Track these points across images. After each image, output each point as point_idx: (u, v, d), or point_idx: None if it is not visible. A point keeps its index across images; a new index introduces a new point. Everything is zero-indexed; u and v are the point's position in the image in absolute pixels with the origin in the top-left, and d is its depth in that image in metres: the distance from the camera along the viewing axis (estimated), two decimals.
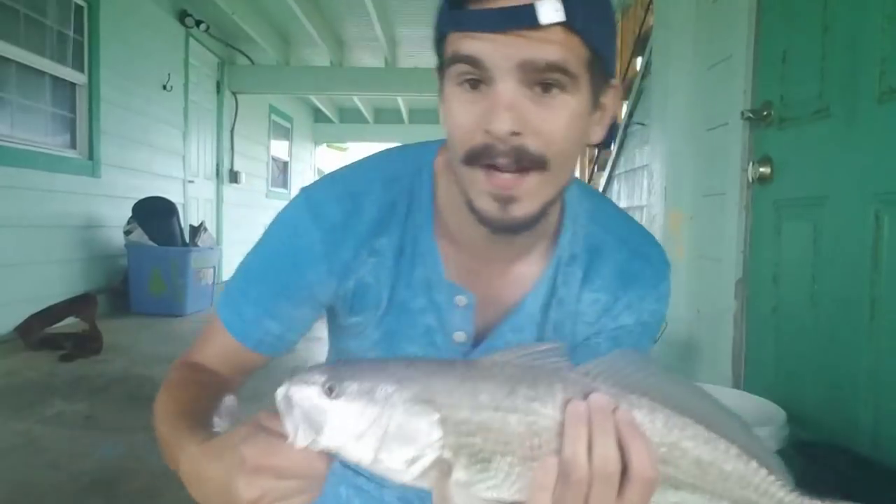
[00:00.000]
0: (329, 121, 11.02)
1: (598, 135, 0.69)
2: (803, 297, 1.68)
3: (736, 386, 1.98)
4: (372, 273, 0.75)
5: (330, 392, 0.48)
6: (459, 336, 0.75)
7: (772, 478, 0.51)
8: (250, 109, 7.73)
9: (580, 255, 0.76)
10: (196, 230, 5.12)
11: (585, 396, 0.49)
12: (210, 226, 6.08)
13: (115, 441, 2.21)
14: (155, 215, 4.72)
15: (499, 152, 0.61)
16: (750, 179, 1.92)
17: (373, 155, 0.82)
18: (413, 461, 0.47)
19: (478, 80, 0.61)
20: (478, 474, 0.49)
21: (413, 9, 6.30)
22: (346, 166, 0.80)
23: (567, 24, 0.58)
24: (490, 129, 0.60)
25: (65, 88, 4.30)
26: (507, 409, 0.48)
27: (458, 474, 0.49)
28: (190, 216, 6.01)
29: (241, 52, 7.04)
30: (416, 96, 8.25)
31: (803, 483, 0.52)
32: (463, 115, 0.63)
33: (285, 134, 9.65)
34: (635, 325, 0.77)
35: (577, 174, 5.55)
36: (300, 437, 0.47)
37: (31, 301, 3.75)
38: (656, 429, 0.50)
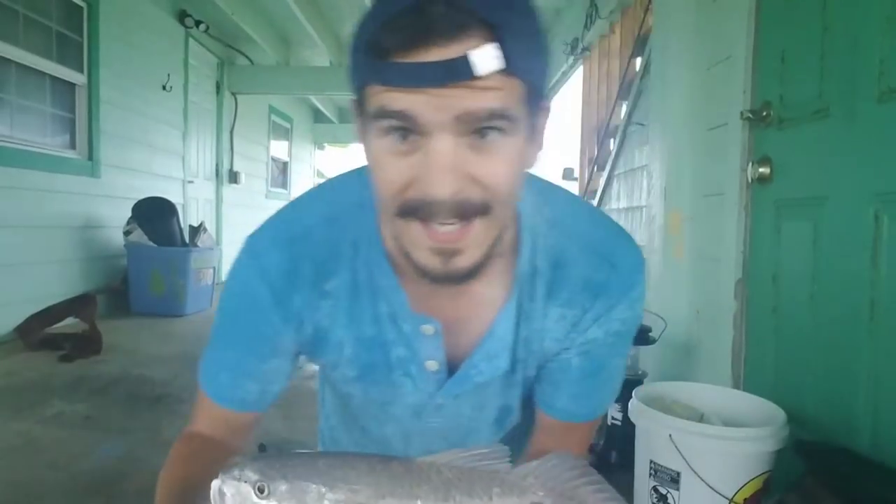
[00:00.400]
0: (329, 121, 11.01)
1: (534, 160, 0.65)
2: (803, 297, 1.68)
3: (736, 386, 1.98)
4: (328, 316, 0.74)
5: (261, 492, 0.48)
6: (431, 365, 0.75)
7: None
8: (250, 110, 7.72)
9: (542, 268, 0.72)
10: (196, 230, 5.12)
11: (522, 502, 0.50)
12: (210, 226, 6.08)
13: (115, 441, 2.21)
14: (155, 215, 4.72)
15: (439, 211, 0.56)
16: (749, 179, 1.92)
17: (311, 191, 0.79)
18: None
19: (408, 130, 0.55)
20: None
21: None
22: (286, 207, 0.77)
23: (506, 70, 0.53)
24: (429, 195, 0.55)
25: (64, 89, 4.30)
26: None
27: None
28: (190, 216, 6.02)
29: (240, 52, 7.04)
30: None
31: (803, 483, 0.52)
32: (394, 171, 0.57)
33: (285, 134, 9.65)
34: (606, 336, 0.75)
35: (577, 174, 5.54)
36: None
37: (30, 301, 3.75)
38: None
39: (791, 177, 1.79)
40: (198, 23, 5.89)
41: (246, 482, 0.48)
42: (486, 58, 0.52)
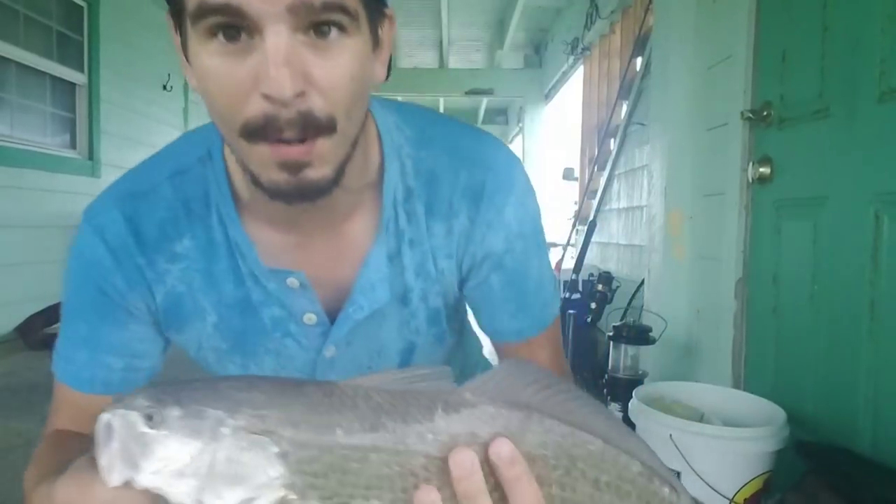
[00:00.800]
0: None
1: (380, 74, 0.60)
2: (803, 297, 1.68)
3: (736, 386, 1.98)
4: (181, 281, 0.68)
5: (150, 419, 0.39)
6: (310, 318, 0.70)
7: (674, 496, 0.47)
8: None
9: (416, 187, 0.68)
10: None
11: (471, 428, 0.42)
12: None
13: None
14: None
15: (283, 122, 0.51)
16: (750, 179, 1.92)
17: (160, 150, 0.72)
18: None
19: (236, 28, 0.49)
20: None
21: (413, 9, 6.30)
22: (132, 169, 0.71)
23: None
24: (268, 94, 0.49)
25: (65, 88, 4.30)
26: (367, 448, 0.40)
27: None
28: None
29: None
30: (417, 96, 8.25)
31: (803, 483, 0.52)
32: (227, 78, 0.51)
33: None
34: (512, 240, 0.71)
35: (577, 174, 5.54)
36: (114, 474, 0.39)
37: (31, 301, 3.75)
38: (549, 450, 0.44)
39: (791, 177, 1.78)
40: None
41: (134, 410, 0.39)
42: None
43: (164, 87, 5.50)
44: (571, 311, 3.11)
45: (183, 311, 0.70)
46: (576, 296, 3.33)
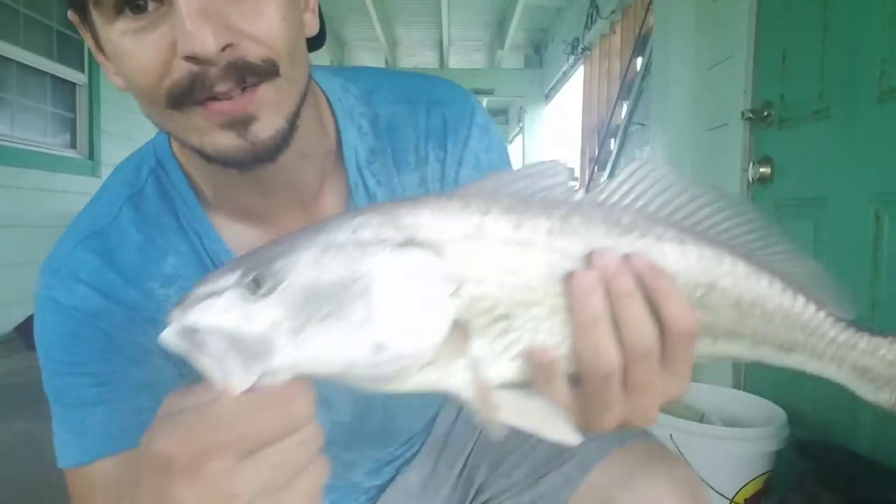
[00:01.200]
0: None
1: (311, 26, 0.57)
2: None
3: (736, 386, 1.98)
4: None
5: (256, 286, 0.31)
6: None
7: (822, 314, 0.43)
8: None
9: (377, 145, 0.64)
10: None
11: (611, 235, 0.37)
12: None
13: None
14: None
15: (213, 79, 0.46)
16: (750, 179, 1.92)
17: (101, 186, 0.66)
18: (418, 333, 0.32)
19: (139, 3, 0.45)
20: (499, 338, 0.35)
21: (413, 9, 6.30)
22: (80, 212, 0.64)
23: None
24: (191, 53, 0.44)
25: (65, 88, 4.30)
26: (521, 244, 0.35)
27: (478, 345, 0.35)
28: None
29: None
30: None
31: (803, 483, 0.52)
32: (142, 52, 0.46)
33: None
34: (483, 170, 0.66)
35: (578, 174, 5.55)
36: (239, 376, 0.30)
37: (31, 301, 3.71)
38: (689, 268, 0.39)
39: (791, 177, 1.78)
40: None
41: (228, 290, 0.30)
42: None
43: None
44: None
45: None
46: None
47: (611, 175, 4.21)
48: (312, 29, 0.57)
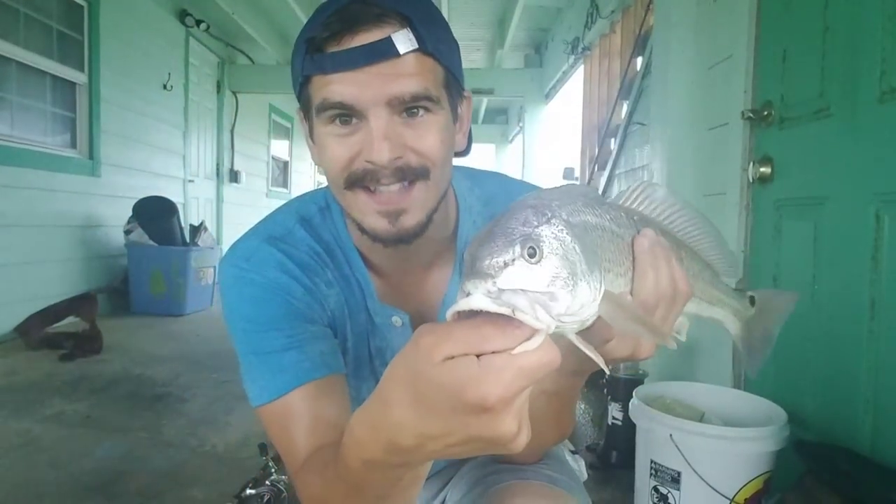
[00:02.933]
0: None
1: (461, 143, 0.75)
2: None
3: (736, 386, 1.98)
4: (337, 306, 0.78)
5: (531, 256, 0.41)
6: None
7: (722, 284, 0.66)
8: (250, 109, 7.72)
9: None
10: (196, 230, 5.12)
11: (637, 228, 0.54)
12: (210, 225, 6.08)
13: (115, 441, 2.21)
14: (155, 215, 4.72)
15: (381, 176, 0.65)
16: (750, 179, 1.92)
17: (280, 207, 0.84)
18: (599, 281, 0.46)
19: (349, 115, 0.65)
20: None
21: None
22: (259, 221, 0.82)
23: (421, 51, 0.64)
24: (371, 160, 0.64)
25: (65, 88, 4.30)
26: (613, 230, 0.51)
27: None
28: (190, 216, 6.02)
29: (241, 51, 7.04)
30: None
31: (803, 483, 0.52)
32: (339, 149, 0.66)
33: (286, 133, 9.65)
34: None
35: (578, 174, 5.54)
36: (546, 320, 0.39)
37: (31, 301, 3.75)
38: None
39: (792, 176, 1.78)
40: (198, 22, 5.89)
41: (513, 260, 0.40)
42: (403, 39, 0.63)
43: (165, 87, 5.50)
44: None
45: (336, 332, 0.79)
46: None
47: (609, 177, 4.21)
48: (461, 146, 0.75)
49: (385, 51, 0.63)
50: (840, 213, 1.56)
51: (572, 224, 0.45)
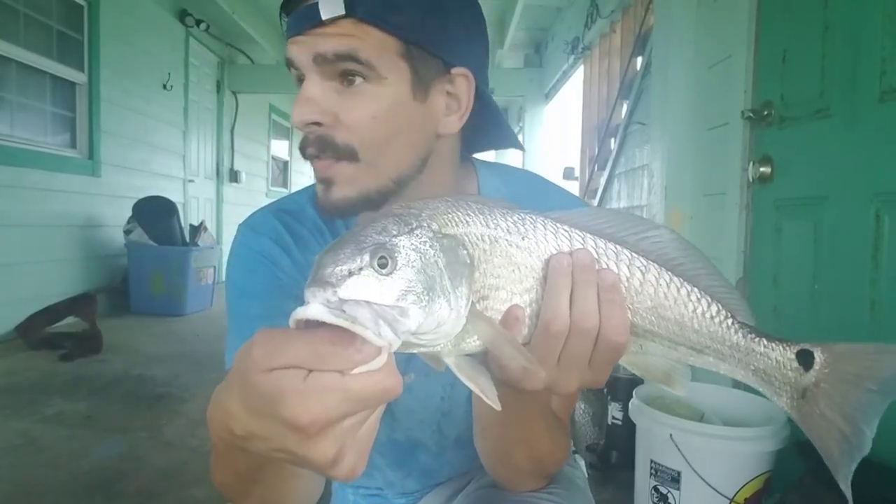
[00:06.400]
0: None
1: (451, 125, 0.69)
2: (804, 296, 1.68)
3: (736, 386, 1.98)
4: None
5: (382, 267, 0.39)
6: None
7: (727, 320, 0.49)
8: (250, 109, 7.72)
9: None
10: (196, 229, 5.12)
11: (565, 243, 0.49)
12: (210, 225, 6.08)
13: (115, 441, 2.21)
14: (155, 215, 4.72)
15: (307, 143, 0.65)
16: (750, 179, 1.92)
17: (301, 189, 0.86)
18: (465, 299, 0.43)
19: (301, 78, 0.66)
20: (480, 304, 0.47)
21: None
22: (283, 196, 0.85)
23: (350, 16, 0.62)
24: (293, 122, 0.65)
25: (65, 88, 4.30)
26: (512, 244, 0.47)
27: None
28: (190, 216, 6.02)
29: (241, 51, 7.04)
30: None
31: (803, 483, 0.52)
32: (293, 112, 0.67)
33: (285, 133, 9.65)
34: None
35: (578, 173, 5.54)
36: (389, 337, 0.37)
37: (31, 301, 3.75)
38: (621, 271, 0.49)
39: (792, 176, 1.78)
40: (198, 22, 5.89)
41: (361, 270, 0.38)
42: (328, 5, 0.62)
43: (164, 87, 5.50)
44: None
45: None
46: None
47: (609, 177, 4.21)
48: (449, 129, 0.69)
49: (311, 17, 0.63)
50: (840, 213, 1.56)
51: (442, 236, 0.43)
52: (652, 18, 3.10)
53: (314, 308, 0.36)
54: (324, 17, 0.62)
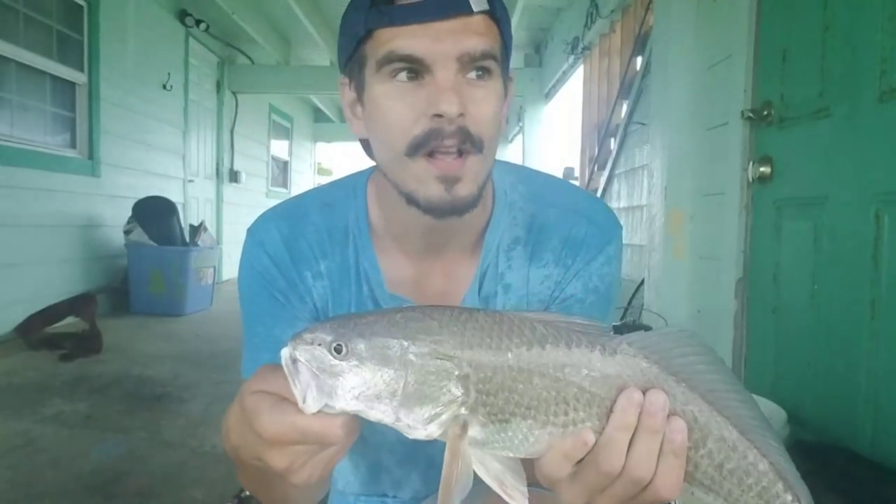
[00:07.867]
0: (329, 120, 11.01)
1: (504, 120, 0.72)
2: (804, 296, 1.68)
3: None
4: (321, 298, 0.77)
5: (338, 352, 0.44)
6: None
7: (787, 496, 0.48)
8: (250, 109, 7.72)
9: (523, 236, 0.77)
10: (196, 230, 5.11)
11: (622, 374, 0.46)
12: (210, 225, 6.07)
13: (115, 441, 2.21)
14: (155, 215, 4.72)
15: (446, 134, 0.62)
16: (750, 179, 1.92)
17: (315, 187, 0.86)
18: (431, 419, 0.45)
19: (415, 71, 0.63)
20: (494, 434, 0.47)
21: None
22: (292, 196, 0.84)
23: (489, 14, 0.64)
24: (441, 111, 0.61)
25: (65, 88, 4.30)
26: (532, 372, 0.45)
27: (474, 432, 0.46)
28: (190, 216, 6.01)
29: (241, 51, 7.04)
30: None
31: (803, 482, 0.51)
32: (404, 107, 0.64)
33: (285, 133, 9.65)
34: (584, 293, 0.76)
35: (578, 173, 5.54)
36: (310, 403, 0.44)
37: (31, 301, 3.75)
38: (686, 420, 0.46)
39: (792, 176, 1.78)
40: (198, 22, 5.89)
41: (320, 345, 0.44)
42: None
43: (165, 87, 5.49)
44: None
45: None
46: None
47: (609, 177, 4.21)
48: (504, 124, 0.72)
49: (460, 6, 0.62)
50: (840, 213, 1.56)
51: (435, 356, 0.45)
52: (652, 18, 3.10)
53: (284, 352, 0.45)
54: (475, 10, 0.62)
